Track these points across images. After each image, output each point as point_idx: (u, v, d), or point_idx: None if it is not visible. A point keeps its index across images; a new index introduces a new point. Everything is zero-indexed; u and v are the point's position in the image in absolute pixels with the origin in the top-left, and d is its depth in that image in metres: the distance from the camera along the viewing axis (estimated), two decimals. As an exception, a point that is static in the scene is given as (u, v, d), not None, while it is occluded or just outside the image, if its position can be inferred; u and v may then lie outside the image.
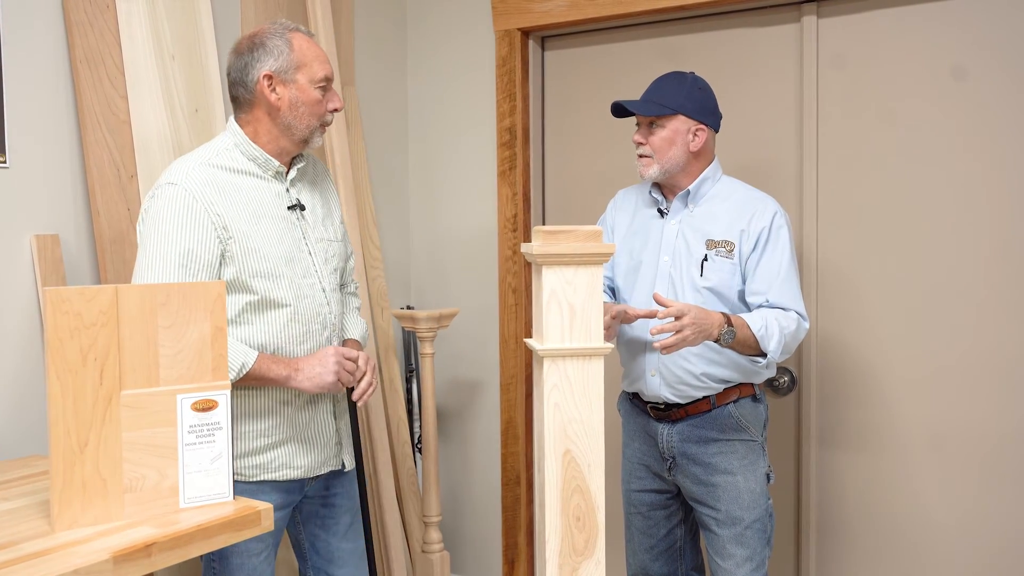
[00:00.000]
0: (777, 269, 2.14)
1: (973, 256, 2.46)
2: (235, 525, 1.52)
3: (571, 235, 1.61)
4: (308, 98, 1.91)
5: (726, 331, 2.01)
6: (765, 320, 2.07)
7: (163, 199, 1.82)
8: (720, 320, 2.01)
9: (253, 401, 1.92)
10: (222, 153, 1.92)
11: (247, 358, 1.82)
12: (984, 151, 2.44)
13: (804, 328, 2.15)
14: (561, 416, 1.64)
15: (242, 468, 1.91)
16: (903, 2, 2.53)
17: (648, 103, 2.18)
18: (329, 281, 2.01)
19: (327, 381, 1.88)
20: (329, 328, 2.00)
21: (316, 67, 1.91)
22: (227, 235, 1.83)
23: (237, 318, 1.87)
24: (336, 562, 2.11)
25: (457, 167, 3.24)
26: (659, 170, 2.19)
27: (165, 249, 1.78)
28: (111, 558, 1.32)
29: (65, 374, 1.42)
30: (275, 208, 1.93)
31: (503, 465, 3.16)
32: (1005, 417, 2.44)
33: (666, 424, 2.24)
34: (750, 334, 2.05)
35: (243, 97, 1.93)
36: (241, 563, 1.92)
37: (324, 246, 2.02)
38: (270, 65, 1.88)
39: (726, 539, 2.18)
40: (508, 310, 3.11)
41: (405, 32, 3.33)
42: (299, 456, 1.97)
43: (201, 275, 1.80)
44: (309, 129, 1.93)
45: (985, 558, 2.48)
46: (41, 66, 2.13)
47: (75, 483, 1.43)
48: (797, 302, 2.15)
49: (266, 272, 1.87)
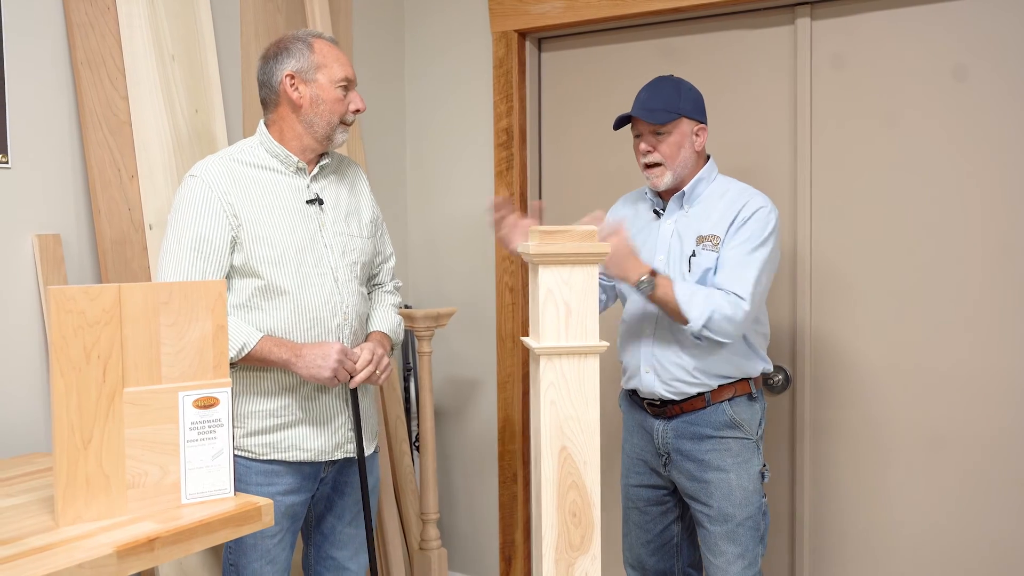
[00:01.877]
0: (737, 253, 2.13)
1: (968, 257, 2.49)
2: (236, 520, 1.54)
3: (567, 235, 1.64)
4: (328, 96, 2.03)
5: (646, 280, 2.07)
6: (694, 291, 2.09)
7: (184, 190, 1.99)
8: (646, 269, 2.08)
9: (263, 382, 2.01)
10: (246, 150, 2.06)
11: (249, 339, 1.93)
12: (978, 151, 2.47)
13: (742, 309, 2.08)
14: (557, 413, 1.66)
15: (252, 446, 2.01)
16: (896, 4, 2.56)
17: (655, 111, 2.18)
18: (344, 273, 2.08)
19: (322, 375, 1.95)
20: (340, 315, 2.05)
21: (336, 68, 2.04)
22: (237, 222, 1.96)
23: (248, 302, 1.99)
24: (337, 544, 2.19)
25: (454, 167, 3.27)
26: (672, 177, 2.21)
27: (181, 234, 1.94)
28: (115, 552, 1.34)
29: (69, 372, 1.44)
30: (292, 201, 2.04)
31: (500, 463, 3.18)
32: (999, 415, 2.46)
33: (661, 420, 2.27)
34: (671, 295, 2.07)
35: (269, 98, 2.07)
36: (254, 543, 2.00)
37: (343, 240, 2.09)
38: (292, 65, 2.02)
39: (718, 536, 2.20)
40: (505, 309, 3.13)
41: (403, 34, 3.35)
42: (309, 439, 2.04)
43: (212, 259, 1.94)
44: (330, 126, 2.05)
45: (979, 555, 2.51)
46: (43, 67, 2.15)
47: (79, 479, 1.45)
48: (739, 284, 2.09)
49: (273, 259, 1.97)
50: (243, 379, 2.00)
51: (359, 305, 2.12)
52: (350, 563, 2.19)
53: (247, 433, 2.00)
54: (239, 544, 2.01)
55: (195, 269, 1.92)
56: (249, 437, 2.00)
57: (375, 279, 2.29)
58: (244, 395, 2.01)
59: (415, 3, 3.32)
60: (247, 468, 2.00)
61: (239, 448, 2.00)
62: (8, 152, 2.08)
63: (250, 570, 2.01)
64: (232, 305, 1.98)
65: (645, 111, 2.19)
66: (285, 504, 2.02)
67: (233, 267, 1.97)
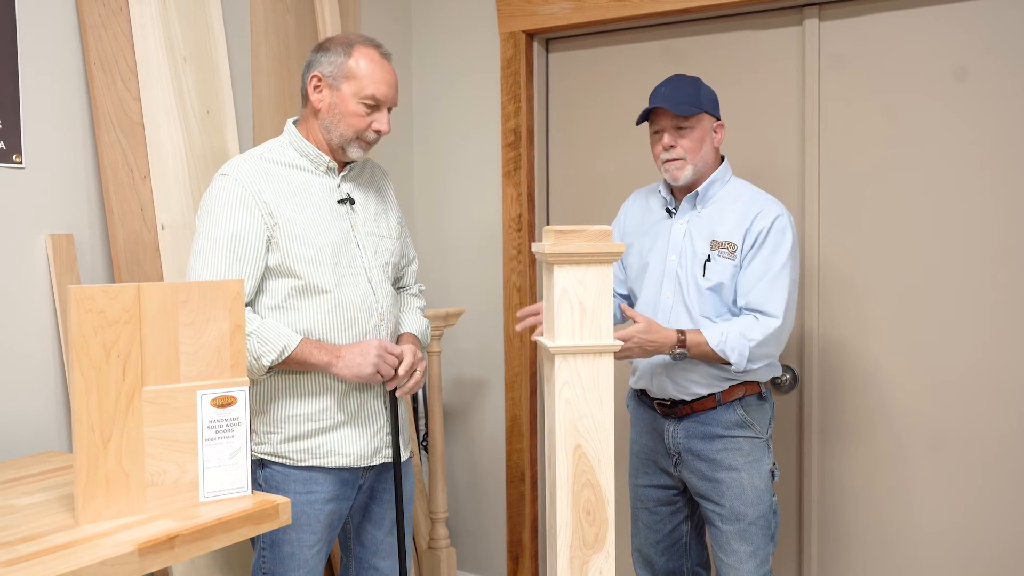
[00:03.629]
0: (764, 270, 2.15)
1: (975, 256, 2.50)
2: (254, 519, 1.55)
3: (582, 234, 1.64)
4: (347, 109, 1.97)
5: (677, 352, 2.11)
6: (725, 335, 2.10)
7: (216, 189, 1.94)
8: (673, 340, 2.09)
9: (301, 384, 1.96)
10: (275, 149, 2.02)
11: (289, 341, 1.88)
12: (986, 152, 2.48)
13: (779, 328, 2.12)
14: (572, 412, 1.67)
15: (290, 452, 1.96)
16: (903, 5, 2.57)
17: (681, 104, 2.18)
18: (378, 273, 2.05)
19: (365, 372, 1.91)
20: (376, 316, 2.03)
21: (367, 83, 1.96)
22: (273, 221, 1.92)
23: (284, 303, 1.94)
24: (380, 554, 2.13)
25: (462, 168, 3.28)
26: (692, 172, 2.22)
27: (215, 233, 1.89)
28: (136, 550, 1.35)
29: (89, 371, 1.45)
30: (324, 200, 2.01)
31: (508, 462, 3.19)
32: (1006, 415, 2.47)
33: (672, 420, 2.27)
34: (708, 350, 2.11)
35: (302, 93, 2.04)
36: (292, 552, 1.94)
37: (375, 240, 2.07)
38: (323, 68, 1.98)
39: (730, 535, 2.21)
40: (513, 309, 3.14)
41: (410, 34, 3.36)
42: (349, 443, 1.99)
43: (248, 258, 1.89)
44: (343, 138, 2.00)
45: (985, 555, 2.52)
46: (56, 68, 2.16)
47: (99, 477, 1.46)
48: (773, 303, 2.12)
49: (309, 258, 1.93)
50: (279, 383, 1.96)
51: (392, 306, 2.10)
52: (394, 573, 2.14)
53: (285, 439, 1.96)
54: (275, 552, 1.95)
55: (231, 270, 1.87)
56: (287, 443, 1.95)
57: (400, 281, 2.27)
58: (281, 399, 1.96)
59: (422, 3, 3.33)
60: (285, 476, 1.95)
61: (277, 455, 1.96)
62: (22, 152, 2.08)
63: None
64: (267, 307, 1.94)
65: (672, 103, 2.18)
66: (325, 512, 1.97)
67: (268, 267, 1.92)
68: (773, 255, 2.15)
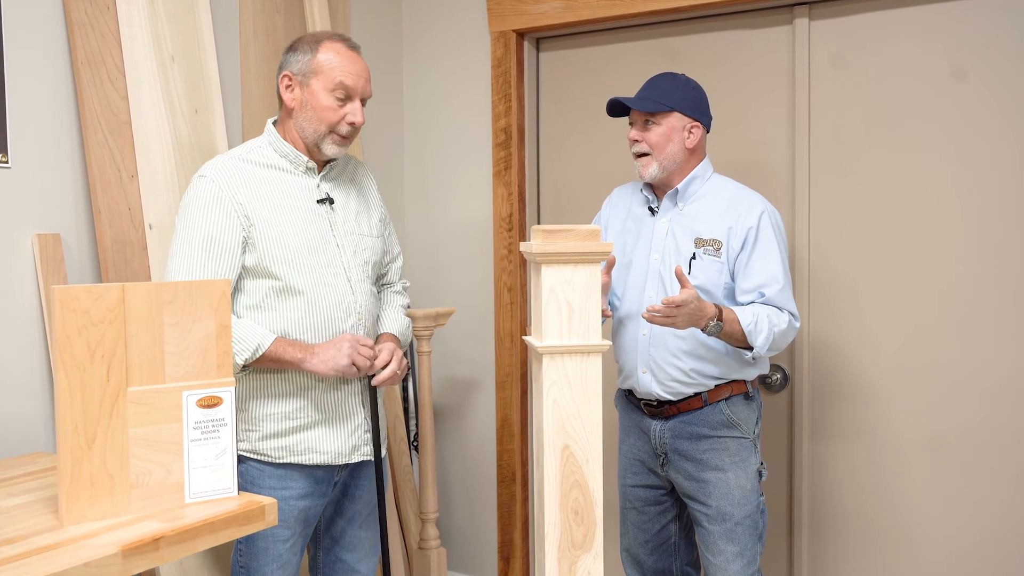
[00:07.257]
0: (773, 270, 2.17)
1: (966, 256, 2.50)
2: (240, 520, 1.54)
3: (569, 234, 1.64)
4: (317, 103, 1.97)
5: (713, 324, 2.07)
6: (756, 316, 2.11)
7: (193, 190, 1.96)
8: (712, 313, 2.07)
9: (277, 384, 1.98)
10: (254, 150, 2.03)
11: (263, 340, 1.90)
12: (976, 151, 2.48)
13: (795, 328, 2.19)
14: (560, 412, 1.67)
15: (268, 449, 1.98)
16: (895, 4, 2.57)
17: (644, 100, 2.22)
18: (357, 272, 2.06)
19: (341, 364, 1.93)
20: (354, 316, 2.04)
21: (336, 73, 1.97)
22: (249, 223, 1.93)
23: (262, 303, 1.96)
24: (347, 547, 2.16)
25: (452, 167, 3.27)
26: (658, 168, 2.22)
27: (191, 234, 1.91)
28: (120, 552, 1.34)
29: (73, 371, 1.44)
30: (302, 200, 2.02)
31: (499, 462, 3.19)
32: (996, 415, 2.48)
33: (659, 421, 2.27)
34: (739, 328, 2.10)
35: (277, 94, 2.05)
36: (266, 547, 1.98)
37: (354, 239, 2.08)
38: (292, 67, 2.00)
39: (717, 535, 2.21)
40: (503, 309, 3.14)
41: (400, 33, 3.35)
42: (326, 441, 2.01)
43: (223, 258, 1.91)
44: (316, 134, 2.00)
45: (976, 553, 2.52)
46: (43, 66, 2.15)
47: (83, 478, 1.45)
48: (791, 302, 2.19)
49: (286, 259, 1.95)
50: (257, 381, 1.98)
51: (371, 305, 2.11)
52: (360, 565, 2.17)
53: (262, 436, 1.98)
54: (250, 547, 1.99)
55: (206, 269, 1.89)
56: (264, 440, 1.98)
57: (384, 278, 2.28)
58: (259, 398, 1.98)
59: (413, 3, 3.32)
60: (261, 471, 1.98)
61: (254, 452, 1.99)
62: (8, 151, 2.07)
63: (261, 574, 1.99)
64: (245, 306, 1.97)
65: (636, 98, 2.23)
66: (299, 508, 2.00)
67: (246, 268, 1.95)
68: (774, 252, 2.18)
